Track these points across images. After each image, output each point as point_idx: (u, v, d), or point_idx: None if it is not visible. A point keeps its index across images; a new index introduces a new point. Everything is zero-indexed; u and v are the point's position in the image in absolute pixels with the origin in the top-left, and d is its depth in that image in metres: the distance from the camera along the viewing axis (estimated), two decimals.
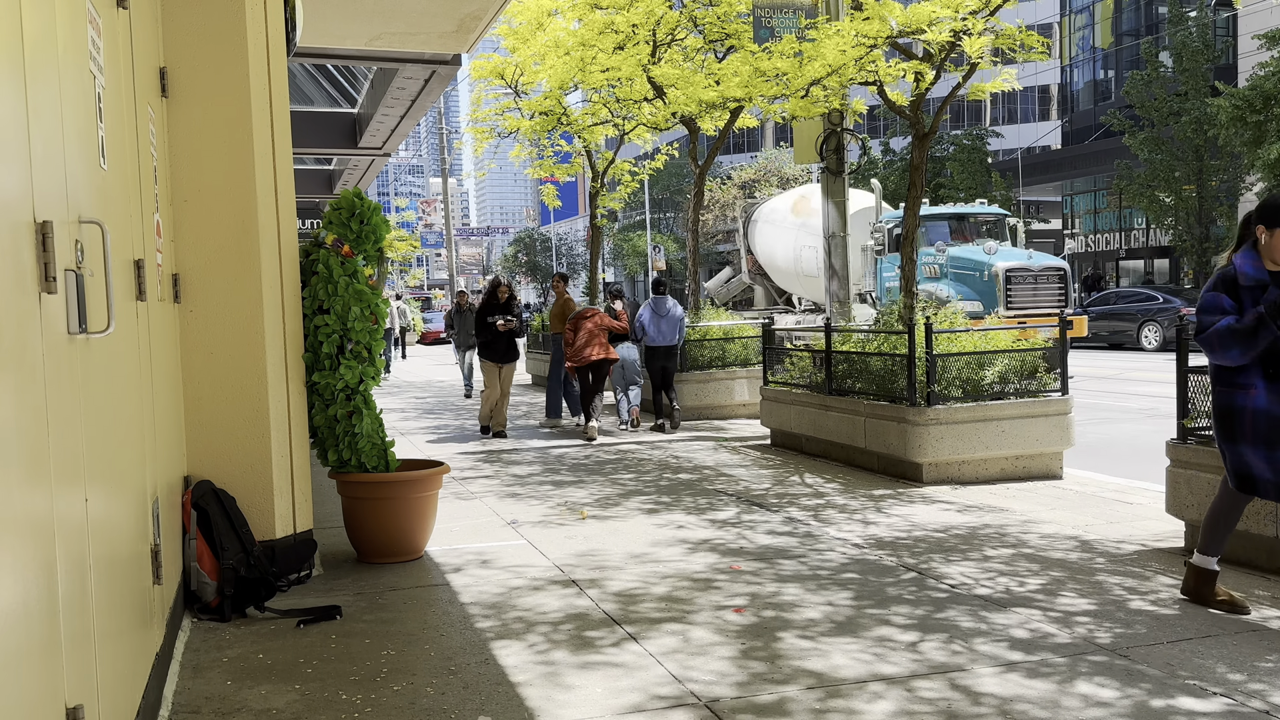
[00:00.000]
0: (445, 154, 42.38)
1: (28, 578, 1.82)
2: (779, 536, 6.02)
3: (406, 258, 57.45)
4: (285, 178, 5.30)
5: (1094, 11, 45.71)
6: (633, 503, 7.12)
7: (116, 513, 2.89)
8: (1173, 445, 5.55)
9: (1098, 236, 42.56)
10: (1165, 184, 31.92)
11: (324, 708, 3.59)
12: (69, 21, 2.53)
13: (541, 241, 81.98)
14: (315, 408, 5.49)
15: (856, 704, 3.52)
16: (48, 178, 2.18)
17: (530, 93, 17.60)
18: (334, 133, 17.71)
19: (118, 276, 2.99)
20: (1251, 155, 24.79)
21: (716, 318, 13.50)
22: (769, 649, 4.09)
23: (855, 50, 9.14)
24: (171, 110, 4.97)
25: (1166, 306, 23.37)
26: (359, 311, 5.40)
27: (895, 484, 7.59)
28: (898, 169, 39.84)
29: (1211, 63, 32.53)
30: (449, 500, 7.20)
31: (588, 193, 18.72)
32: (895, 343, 8.07)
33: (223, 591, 4.72)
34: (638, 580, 5.16)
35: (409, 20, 9.45)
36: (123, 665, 2.83)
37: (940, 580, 5.03)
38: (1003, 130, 49.86)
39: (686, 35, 14.27)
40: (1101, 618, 4.40)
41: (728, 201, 51.46)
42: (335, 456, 5.54)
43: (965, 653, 4.00)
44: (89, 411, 2.51)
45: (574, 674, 3.86)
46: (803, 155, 12.48)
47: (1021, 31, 9.43)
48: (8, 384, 1.76)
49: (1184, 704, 3.45)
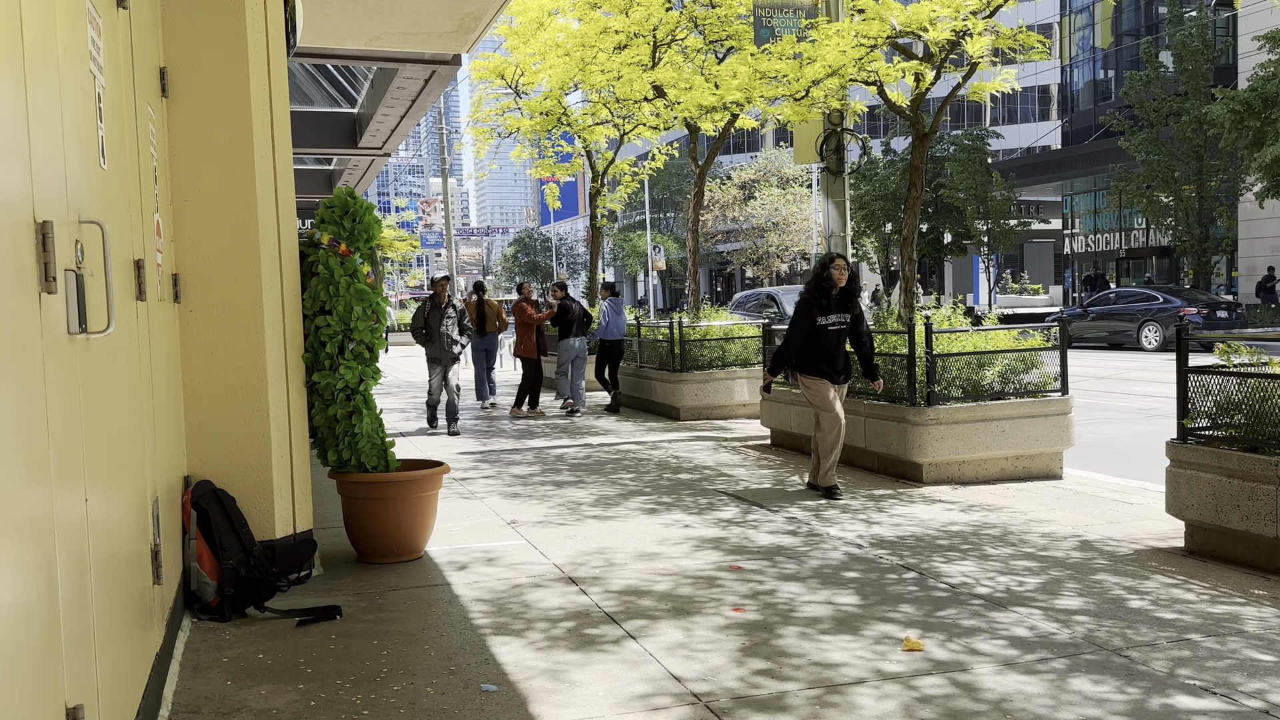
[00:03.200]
0: (445, 154, 42.37)
1: (28, 577, 1.82)
2: (780, 536, 6.03)
3: (406, 258, 57.42)
4: (285, 178, 5.30)
5: (1094, 11, 45.70)
6: (633, 502, 7.12)
7: (116, 513, 2.89)
8: (1173, 445, 5.55)
9: (1098, 236, 42.56)
10: (1164, 184, 31.92)
11: (324, 708, 3.59)
12: (69, 21, 2.53)
13: (541, 241, 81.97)
14: (315, 408, 5.49)
15: (857, 701, 3.52)
16: (48, 178, 2.18)
17: (530, 93, 17.61)
18: (334, 133, 17.71)
19: (118, 276, 2.99)
20: (1250, 156, 24.80)
21: (716, 318, 13.50)
22: (770, 647, 4.09)
23: (855, 50, 9.14)
24: (171, 110, 4.97)
25: (1166, 306, 23.36)
26: (361, 311, 5.41)
27: (895, 484, 7.59)
28: (898, 169, 39.83)
29: (1211, 63, 32.53)
30: (449, 500, 7.20)
31: (588, 193, 18.72)
32: (895, 343, 8.07)
33: (223, 591, 4.73)
34: (638, 579, 5.16)
35: (409, 20, 9.45)
36: (123, 665, 2.83)
37: (941, 579, 5.03)
38: (1003, 130, 49.84)
39: (687, 36, 14.28)
40: (1101, 617, 4.40)
41: (728, 201, 51.53)
42: (335, 456, 5.55)
43: (965, 651, 4.00)
44: (89, 411, 2.51)
45: (574, 672, 3.87)
46: (803, 155, 12.48)
47: (1021, 32, 9.43)
48: (8, 384, 1.77)
49: (1183, 703, 3.45)
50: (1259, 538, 5.05)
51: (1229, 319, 23.89)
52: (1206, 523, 5.32)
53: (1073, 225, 44.40)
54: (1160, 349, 22.48)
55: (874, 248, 43.87)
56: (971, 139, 40.08)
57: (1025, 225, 41.47)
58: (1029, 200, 46.54)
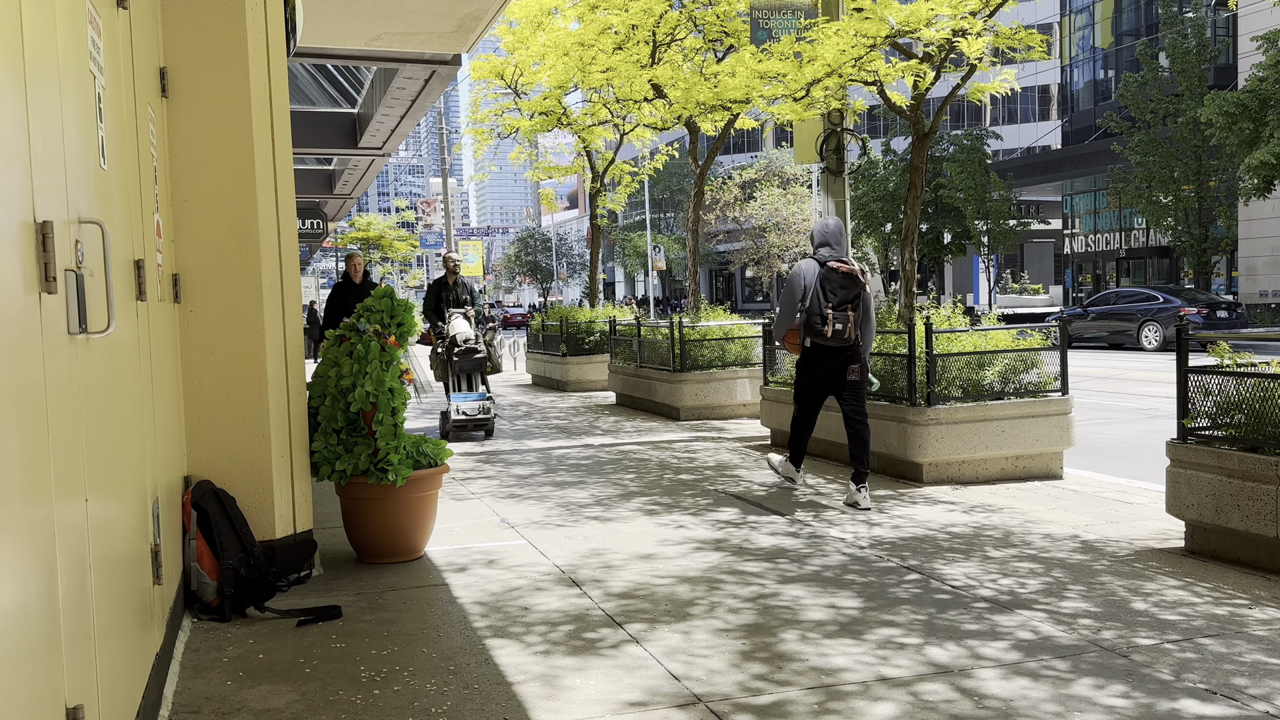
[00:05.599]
0: (445, 154, 42.37)
1: (28, 578, 1.82)
2: (781, 537, 6.02)
3: (406, 258, 57.42)
4: (285, 178, 5.30)
5: (1094, 11, 45.72)
6: (634, 503, 7.11)
7: (116, 513, 2.89)
8: (1173, 445, 5.55)
9: (1098, 236, 42.57)
10: (1163, 185, 31.94)
11: (324, 708, 3.59)
12: (69, 21, 2.52)
13: (542, 241, 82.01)
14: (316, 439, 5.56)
15: (858, 705, 3.51)
16: (48, 178, 2.17)
17: (530, 93, 17.61)
18: (334, 133, 17.72)
19: (118, 276, 2.98)
20: (1244, 155, 24.85)
21: (716, 318, 13.50)
22: (771, 650, 4.08)
23: (855, 50, 9.14)
24: (171, 110, 4.96)
25: (1167, 306, 23.36)
26: (374, 385, 5.47)
27: (896, 484, 7.59)
28: (897, 169, 39.84)
29: (1210, 63, 32.54)
30: (449, 500, 7.19)
31: (587, 193, 18.72)
32: (895, 343, 8.07)
33: (223, 591, 4.72)
34: (639, 580, 5.15)
35: (409, 20, 9.45)
36: (123, 665, 2.83)
37: (943, 581, 5.03)
38: (1002, 130, 49.87)
39: (686, 35, 14.28)
40: (1104, 619, 4.39)
41: (728, 201, 51.53)
42: (329, 470, 5.56)
43: (968, 655, 3.99)
44: (89, 412, 2.50)
45: (574, 674, 3.86)
46: (803, 155, 12.48)
47: (1020, 31, 9.43)
48: (8, 384, 1.76)
49: (1189, 707, 3.44)
50: (1259, 538, 5.05)
51: (1229, 319, 23.91)
52: (1207, 523, 5.31)
53: (1073, 225, 44.42)
54: (1160, 349, 22.49)
55: (874, 248, 43.88)
56: (971, 139, 40.10)
57: (1025, 225, 41.48)
58: (1029, 200, 46.53)
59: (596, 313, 17.26)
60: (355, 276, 11.16)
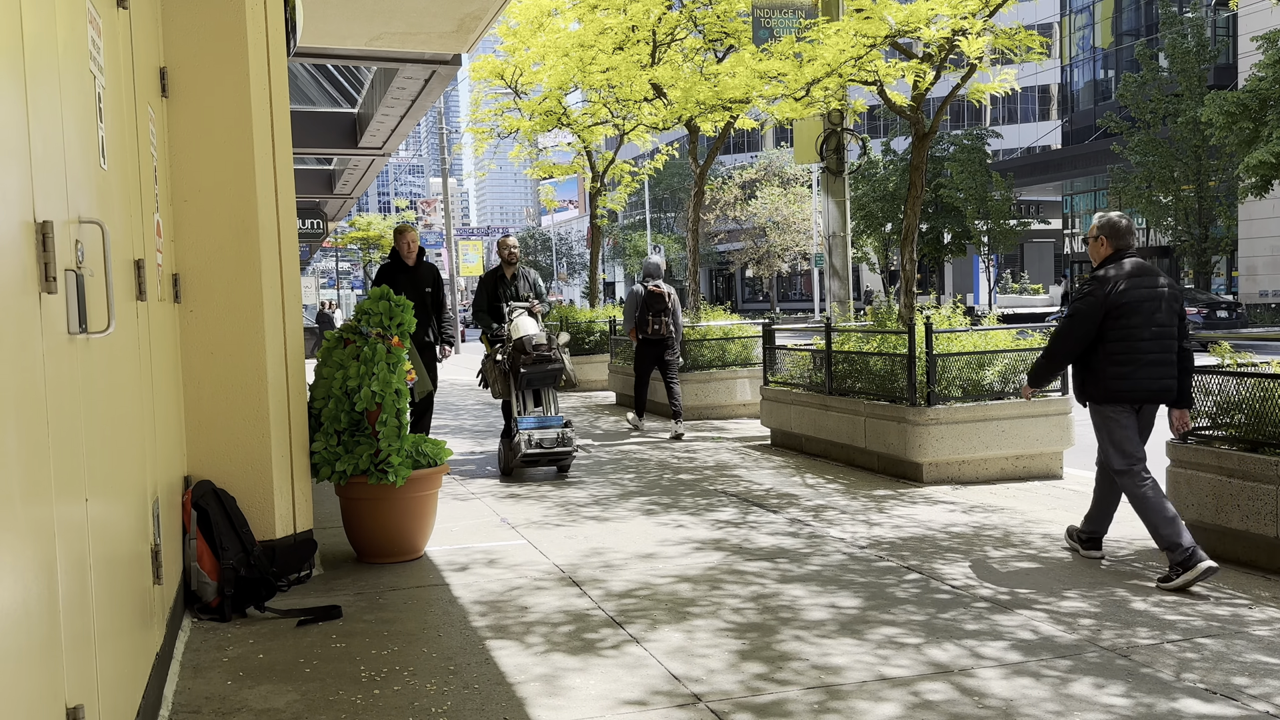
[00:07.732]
0: (445, 154, 42.34)
1: (28, 578, 1.82)
2: (781, 537, 6.02)
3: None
4: (285, 178, 5.30)
5: (1094, 11, 45.71)
6: (633, 503, 7.11)
7: (117, 513, 2.89)
8: (1172, 445, 5.55)
9: None
10: (1163, 185, 31.95)
11: (324, 708, 3.59)
12: (69, 21, 2.52)
13: (542, 240, 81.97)
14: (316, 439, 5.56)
15: (858, 705, 3.51)
16: (48, 178, 2.17)
17: (530, 93, 17.61)
18: (334, 133, 17.71)
19: (118, 276, 2.98)
20: (1243, 155, 24.86)
21: (716, 318, 13.50)
22: (771, 649, 4.08)
23: (855, 50, 9.14)
24: (171, 110, 4.96)
25: None
26: (379, 387, 5.48)
27: (896, 484, 7.59)
28: (897, 169, 39.84)
29: (1209, 63, 32.54)
30: (449, 500, 7.19)
31: (587, 193, 18.72)
32: (895, 343, 8.07)
33: (223, 591, 4.72)
34: (639, 580, 5.15)
35: (409, 20, 9.45)
36: (123, 665, 2.83)
37: (943, 581, 5.03)
38: (1003, 130, 49.85)
39: (686, 35, 14.28)
40: (1104, 619, 4.39)
41: (728, 201, 51.52)
42: (329, 471, 5.56)
43: (968, 654, 3.99)
44: (89, 411, 2.50)
45: (574, 674, 3.86)
46: (803, 155, 12.49)
47: (1020, 32, 9.43)
48: (8, 384, 1.76)
49: (1189, 707, 3.44)
50: (1259, 537, 5.05)
51: (1229, 319, 23.91)
52: (1207, 522, 5.31)
53: (1072, 225, 44.40)
54: None
55: (874, 248, 43.84)
56: (971, 139, 40.09)
57: (1025, 225, 41.48)
58: (1029, 200, 46.53)
59: (597, 312, 17.27)
60: (408, 257, 8.38)
